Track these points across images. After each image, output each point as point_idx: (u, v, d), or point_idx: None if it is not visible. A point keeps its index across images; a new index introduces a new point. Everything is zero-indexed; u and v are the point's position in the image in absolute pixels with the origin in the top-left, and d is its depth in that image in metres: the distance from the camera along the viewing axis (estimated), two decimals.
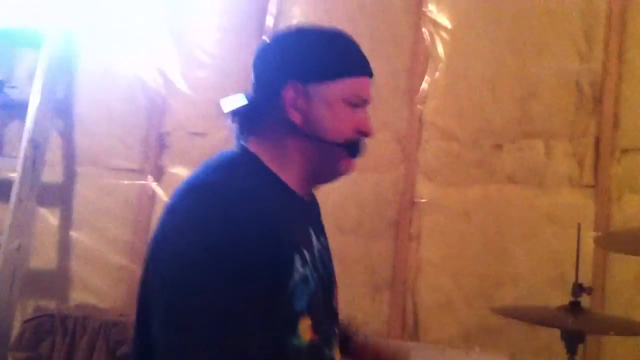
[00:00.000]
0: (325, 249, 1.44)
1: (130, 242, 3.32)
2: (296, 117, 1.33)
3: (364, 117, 1.37)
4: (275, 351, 1.19)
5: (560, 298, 1.93)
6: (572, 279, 2.34)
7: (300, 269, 1.25)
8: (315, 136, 1.33)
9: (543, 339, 2.50)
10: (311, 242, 1.35)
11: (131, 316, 2.93)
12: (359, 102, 1.36)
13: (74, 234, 3.42)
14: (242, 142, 1.37)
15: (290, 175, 1.35)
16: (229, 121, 1.39)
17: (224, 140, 3.04)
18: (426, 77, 2.87)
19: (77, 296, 3.33)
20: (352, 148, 1.35)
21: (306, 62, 1.35)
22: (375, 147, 2.88)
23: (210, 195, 1.20)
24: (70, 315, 2.86)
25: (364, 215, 2.86)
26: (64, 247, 3.42)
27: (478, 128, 2.76)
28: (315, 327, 1.28)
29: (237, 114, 1.38)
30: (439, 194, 2.78)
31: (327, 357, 1.34)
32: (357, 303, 2.78)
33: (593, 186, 2.55)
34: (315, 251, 1.35)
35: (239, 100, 1.37)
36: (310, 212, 1.47)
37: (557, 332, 2.17)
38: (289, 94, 1.32)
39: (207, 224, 1.15)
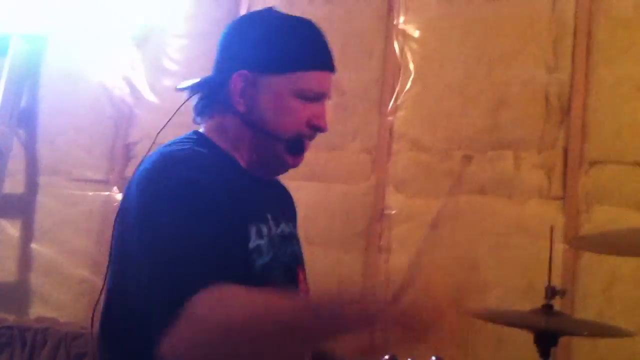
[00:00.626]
0: (290, 236, 1.42)
1: (94, 254, 3.24)
2: (241, 106, 1.33)
3: (318, 111, 1.35)
4: None
5: (530, 307, 1.92)
6: (541, 289, 2.34)
7: (256, 239, 1.27)
8: (258, 127, 1.33)
9: (511, 350, 2.48)
10: (268, 221, 1.33)
11: (94, 329, 2.87)
12: (313, 97, 1.34)
13: (35, 246, 3.33)
14: (196, 129, 1.41)
15: (240, 156, 1.36)
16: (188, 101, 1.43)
17: None
18: (397, 89, 2.86)
19: (37, 310, 3.23)
20: (293, 145, 1.34)
21: (259, 52, 1.35)
22: (345, 158, 2.85)
23: (164, 159, 1.25)
24: (30, 327, 2.77)
25: (334, 226, 2.82)
26: (24, 259, 3.33)
27: (448, 139, 2.75)
28: None
29: (193, 92, 1.42)
30: (409, 205, 2.76)
31: None
32: None
33: (562, 198, 2.55)
34: (274, 232, 1.34)
35: (196, 81, 1.41)
36: (270, 196, 1.44)
37: (526, 341, 2.16)
38: (237, 81, 1.32)
39: (166, 180, 1.20)
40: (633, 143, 2.49)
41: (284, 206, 1.53)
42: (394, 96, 2.86)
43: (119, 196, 3.25)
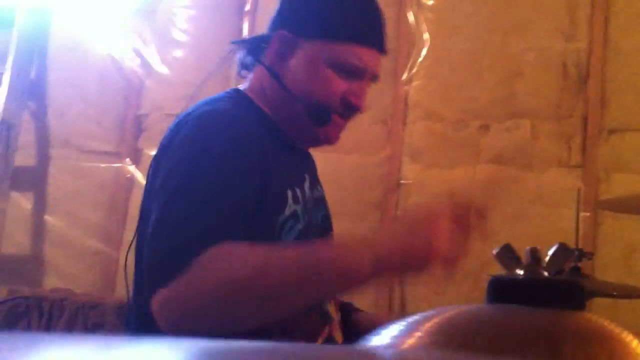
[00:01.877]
0: (322, 200, 1.41)
1: (106, 226, 3.24)
2: (277, 66, 1.30)
3: (355, 88, 1.30)
4: None
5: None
6: None
7: (292, 204, 1.24)
8: (289, 90, 1.30)
9: None
10: (304, 186, 1.32)
11: (109, 299, 2.88)
12: (352, 72, 1.28)
13: (48, 218, 3.32)
14: (236, 87, 1.38)
15: (277, 119, 1.34)
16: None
17: None
18: (411, 58, 2.84)
19: (51, 282, 3.24)
20: (315, 113, 1.30)
21: (301, 14, 1.32)
22: (360, 128, 2.84)
23: (205, 116, 1.21)
24: (46, 297, 2.77)
25: (348, 197, 2.82)
26: (38, 231, 3.32)
27: (464, 109, 2.74)
28: None
29: (243, 45, 1.38)
30: (425, 175, 2.76)
31: (324, 310, 1.32)
32: None
33: (581, 166, 2.55)
34: (309, 197, 1.32)
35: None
36: (305, 159, 1.44)
37: None
38: (276, 41, 1.30)
39: (207, 140, 1.18)
40: None
41: (314, 170, 1.52)
42: (409, 66, 2.85)
43: (131, 168, 3.24)
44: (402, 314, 2.72)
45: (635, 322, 2.48)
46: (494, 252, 0.74)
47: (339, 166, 2.85)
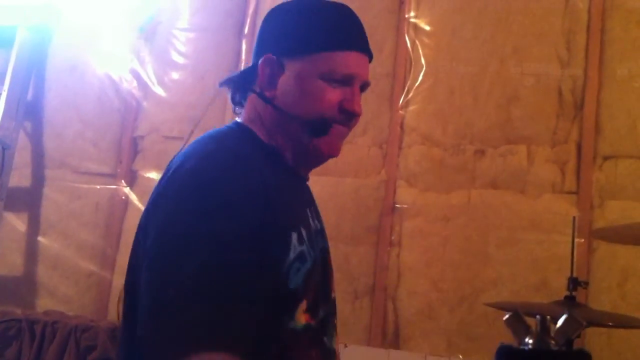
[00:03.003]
0: (321, 232, 1.39)
1: (101, 248, 3.22)
2: (268, 92, 1.30)
3: (350, 95, 1.28)
4: (268, 333, 1.14)
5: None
6: (555, 283, 2.36)
7: (297, 246, 1.21)
8: (284, 112, 1.29)
9: None
10: (308, 221, 1.30)
11: (102, 322, 2.86)
12: (342, 79, 1.27)
13: (42, 239, 3.31)
14: (236, 119, 1.36)
15: (279, 148, 1.32)
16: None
17: None
18: (408, 83, 2.86)
19: (44, 303, 3.22)
20: (315, 127, 1.27)
21: (284, 35, 1.31)
22: (356, 152, 2.85)
23: (207, 160, 1.18)
24: (39, 320, 2.75)
25: (344, 220, 2.82)
26: (31, 252, 3.31)
27: (460, 133, 2.75)
28: (312, 311, 1.23)
29: (229, 83, 1.37)
30: (420, 199, 2.76)
31: (326, 346, 1.30)
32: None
33: (575, 192, 2.55)
34: (312, 231, 1.29)
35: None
36: (306, 191, 1.42)
37: None
38: (263, 66, 1.29)
39: (204, 188, 1.13)
40: None
41: (312, 198, 1.50)
42: (405, 90, 2.86)
43: (126, 190, 3.24)
44: (395, 339, 2.71)
45: (630, 352, 2.48)
46: (504, 319, 0.74)
47: (335, 189, 2.85)
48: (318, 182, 2.72)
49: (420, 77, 2.83)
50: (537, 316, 0.69)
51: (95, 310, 3.14)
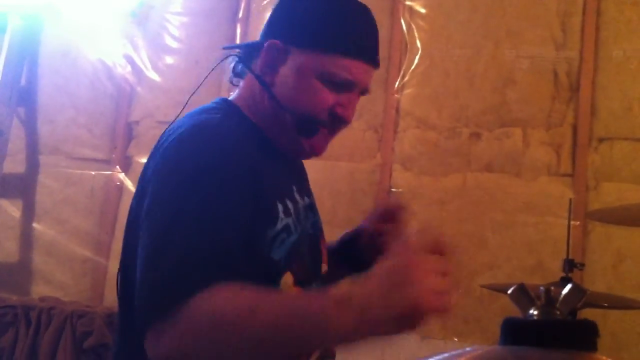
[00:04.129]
0: (312, 207, 1.39)
1: (96, 234, 3.22)
2: (267, 76, 1.29)
3: (344, 101, 1.27)
4: None
5: (538, 284, 1.92)
6: (550, 265, 2.36)
7: (284, 218, 1.22)
8: (279, 100, 1.28)
9: None
10: (294, 195, 1.30)
11: (98, 308, 2.85)
12: (342, 85, 1.25)
13: (36, 226, 3.30)
14: (224, 97, 1.36)
15: (266, 129, 1.32)
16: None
17: None
18: (403, 66, 2.85)
19: (39, 290, 3.21)
20: (302, 125, 1.27)
21: (296, 24, 1.29)
22: (351, 136, 2.84)
23: (194, 129, 1.19)
24: (34, 306, 2.74)
25: (339, 205, 2.81)
26: (26, 239, 3.30)
27: (455, 117, 2.74)
28: (301, 285, 1.24)
29: (233, 55, 1.36)
30: (416, 183, 2.76)
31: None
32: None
33: (570, 175, 2.56)
34: (300, 206, 1.30)
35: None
36: (293, 168, 1.42)
37: None
38: (267, 50, 1.28)
39: (195, 152, 1.16)
40: None
41: (303, 177, 1.50)
42: (401, 74, 2.85)
43: (121, 175, 3.23)
44: None
45: (625, 333, 2.49)
46: (509, 292, 0.73)
47: (331, 173, 2.85)
48: (313, 166, 2.68)
49: (416, 61, 2.82)
50: (541, 287, 0.69)
51: (91, 296, 3.14)
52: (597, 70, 2.57)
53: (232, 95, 1.36)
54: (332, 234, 2.84)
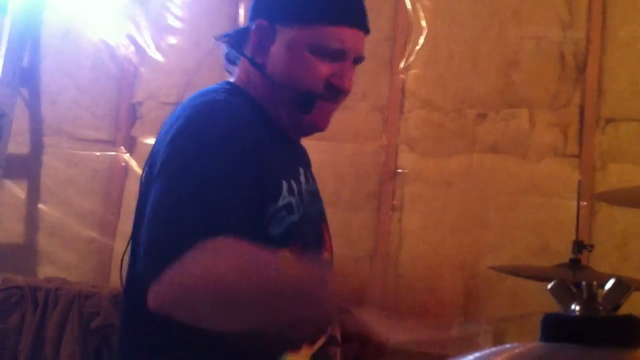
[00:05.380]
0: (316, 194, 1.39)
1: (101, 215, 3.22)
2: (259, 57, 1.29)
3: (339, 71, 1.27)
4: None
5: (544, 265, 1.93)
6: (556, 247, 2.36)
7: (287, 196, 1.23)
8: (272, 80, 1.28)
9: (525, 308, 2.50)
10: (299, 178, 1.30)
11: (104, 288, 2.86)
12: (333, 54, 1.26)
13: (41, 206, 3.30)
14: (227, 80, 1.36)
15: (269, 109, 1.32)
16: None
17: None
18: (408, 47, 2.83)
19: (45, 270, 3.22)
20: (301, 101, 1.27)
21: (279, 2, 1.30)
22: (356, 117, 2.83)
23: (202, 108, 1.21)
24: (41, 287, 2.75)
25: (343, 186, 2.81)
26: (31, 220, 3.30)
27: (461, 97, 2.73)
28: None
29: (225, 40, 1.36)
30: (421, 164, 2.75)
31: None
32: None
33: (577, 156, 2.55)
34: (304, 189, 1.30)
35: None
36: (299, 151, 1.42)
37: (542, 296, 2.17)
38: (255, 31, 1.28)
39: (202, 130, 1.18)
40: None
41: (308, 163, 1.50)
42: (406, 54, 2.83)
43: (125, 156, 3.22)
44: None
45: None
46: (549, 287, 0.72)
47: (335, 155, 2.84)
48: (317, 148, 2.67)
49: (421, 41, 2.80)
50: (583, 282, 0.68)
51: (97, 277, 3.15)
52: (604, 51, 2.55)
53: (232, 79, 1.36)
54: (336, 216, 2.84)
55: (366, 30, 1.32)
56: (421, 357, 2.15)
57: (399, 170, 2.78)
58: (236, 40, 1.35)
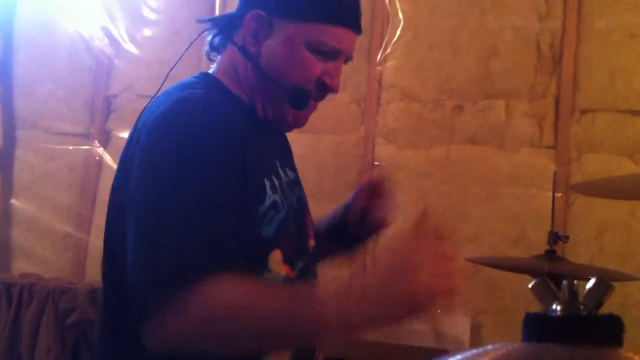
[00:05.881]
0: (296, 181, 1.38)
1: (76, 209, 3.18)
2: (252, 47, 1.27)
3: (332, 70, 1.26)
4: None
5: (521, 256, 1.94)
6: (533, 237, 2.37)
7: (271, 195, 1.21)
8: (264, 72, 1.26)
9: (503, 299, 2.51)
10: (278, 171, 1.29)
11: (80, 284, 2.83)
12: (329, 53, 1.25)
13: (15, 201, 3.25)
14: (204, 71, 1.33)
15: (249, 101, 1.30)
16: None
17: None
18: (385, 38, 2.82)
19: (20, 266, 3.18)
20: (295, 97, 1.26)
21: None
22: (335, 109, 2.82)
23: (178, 107, 1.17)
24: (15, 283, 2.71)
25: (324, 177, 2.80)
26: (4, 215, 3.26)
27: (439, 88, 2.73)
28: (289, 262, 1.24)
29: (211, 24, 1.33)
30: (400, 155, 2.75)
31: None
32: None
33: (553, 146, 2.56)
34: (284, 182, 1.29)
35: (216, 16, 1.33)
36: (276, 142, 1.40)
37: (521, 287, 2.18)
38: (251, 21, 1.26)
39: (180, 132, 1.13)
40: (625, 91, 2.50)
41: (287, 150, 1.49)
42: (383, 46, 2.82)
43: (100, 150, 3.19)
44: None
45: (606, 304, 2.51)
46: (530, 285, 0.72)
47: (315, 146, 2.83)
48: (297, 140, 2.62)
49: (398, 32, 2.80)
50: (564, 281, 0.68)
51: (73, 272, 3.11)
52: (580, 42, 2.56)
53: (212, 69, 1.34)
54: (318, 208, 2.82)
55: (360, 32, 1.32)
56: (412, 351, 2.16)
57: (377, 163, 2.78)
58: (224, 25, 1.32)
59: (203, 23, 1.35)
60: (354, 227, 1.44)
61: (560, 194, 2.46)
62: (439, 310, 1.01)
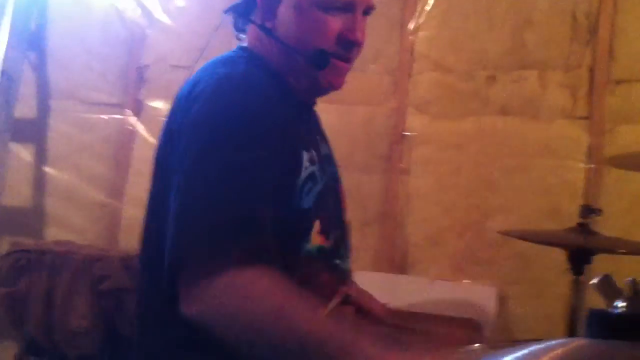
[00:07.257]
0: (330, 157, 1.40)
1: (110, 178, 3.22)
2: (268, 22, 1.28)
3: (350, 23, 1.26)
4: (286, 253, 1.15)
5: (553, 228, 1.93)
6: (566, 209, 2.36)
7: (309, 166, 1.24)
8: (283, 43, 1.28)
9: (532, 271, 2.51)
10: (318, 145, 1.31)
11: (113, 251, 2.87)
12: (343, 6, 1.25)
13: (49, 170, 3.30)
14: (240, 45, 1.35)
15: (288, 78, 1.31)
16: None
17: None
18: (418, 7, 2.80)
19: (54, 233, 3.23)
20: (315, 59, 1.26)
21: None
22: (366, 80, 2.82)
23: (222, 84, 1.20)
24: (50, 251, 2.75)
25: (355, 149, 2.81)
26: (39, 183, 3.31)
27: (471, 59, 2.71)
28: (325, 232, 1.26)
29: (232, 11, 1.35)
30: (431, 126, 2.74)
31: (338, 267, 1.32)
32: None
33: (586, 117, 2.54)
34: (322, 156, 1.32)
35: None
36: (312, 117, 1.43)
37: (552, 259, 2.18)
38: None
39: (225, 111, 1.16)
40: None
41: (321, 126, 1.50)
42: (416, 15, 2.80)
43: (132, 119, 3.21)
44: (402, 264, 2.73)
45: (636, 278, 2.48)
46: (592, 282, 0.72)
47: (346, 117, 2.83)
48: (329, 110, 2.62)
49: (431, 2, 2.77)
50: (629, 279, 0.68)
51: (106, 240, 3.16)
52: (617, 12, 2.52)
53: (246, 44, 1.35)
54: (348, 178, 2.84)
55: None
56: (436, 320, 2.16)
57: (408, 133, 2.77)
58: (243, 8, 1.34)
59: (232, 4, 1.37)
60: None
61: (593, 166, 2.44)
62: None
